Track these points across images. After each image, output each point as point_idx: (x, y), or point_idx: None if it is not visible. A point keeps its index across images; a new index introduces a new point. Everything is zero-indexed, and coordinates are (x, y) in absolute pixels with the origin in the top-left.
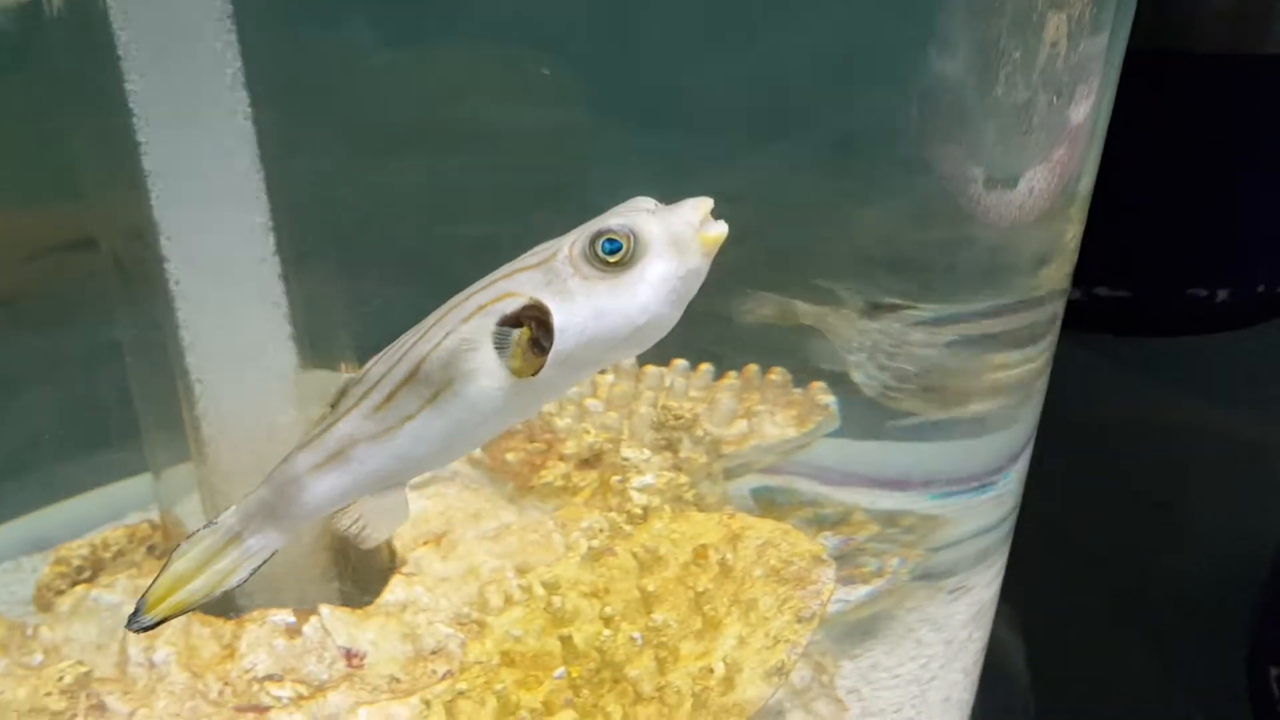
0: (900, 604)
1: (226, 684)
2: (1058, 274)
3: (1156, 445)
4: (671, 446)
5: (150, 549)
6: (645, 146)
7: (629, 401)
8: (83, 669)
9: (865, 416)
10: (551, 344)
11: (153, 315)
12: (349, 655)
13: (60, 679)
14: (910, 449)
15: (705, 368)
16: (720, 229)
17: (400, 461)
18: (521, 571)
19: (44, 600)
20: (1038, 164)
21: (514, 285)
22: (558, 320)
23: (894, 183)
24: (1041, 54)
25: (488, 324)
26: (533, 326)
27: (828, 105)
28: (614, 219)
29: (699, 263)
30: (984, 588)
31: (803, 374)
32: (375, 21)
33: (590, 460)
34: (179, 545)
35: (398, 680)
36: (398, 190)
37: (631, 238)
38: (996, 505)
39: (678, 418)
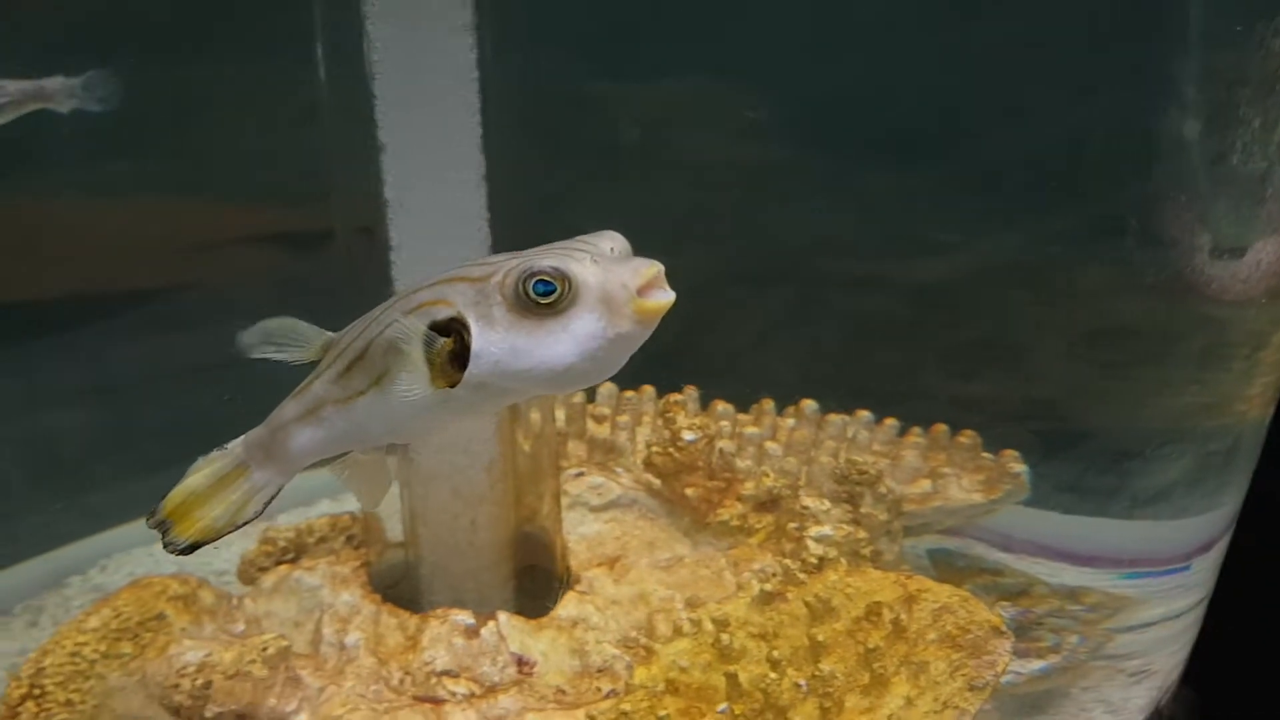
0: (1075, 682)
1: (407, 674)
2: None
3: None
4: (853, 500)
5: (349, 539)
6: (871, 188)
7: (809, 448)
8: (284, 643)
9: (1057, 487)
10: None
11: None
12: (520, 662)
13: (264, 649)
14: (1102, 525)
15: (890, 422)
16: (661, 299)
17: (360, 429)
18: (691, 605)
19: (247, 574)
20: (1269, 236)
21: (452, 293)
22: (475, 344)
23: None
24: None
25: (421, 324)
26: (457, 340)
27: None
28: (551, 259)
29: (630, 329)
30: (1168, 672)
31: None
32: (602, 52)
33: (768, 504)
34: (197, 461)
35: (564, 693)
36: (609, 215)
37: (565, 284)
38: (1188, 590)
39: (862, 472)
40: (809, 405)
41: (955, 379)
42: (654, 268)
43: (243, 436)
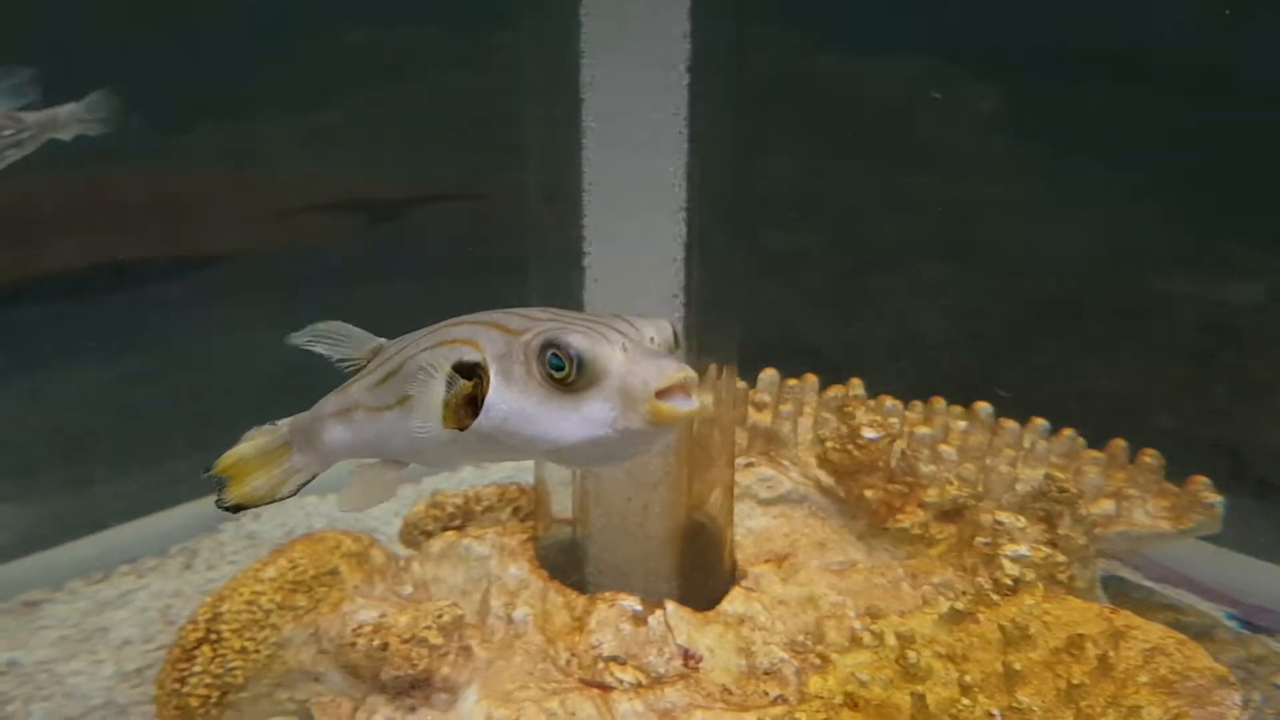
0: None
1: (574, 655)
2: None
3: None
4: (1050, 519)
5: (515, 510)
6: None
7: (984, 454)
8: (458, 611)
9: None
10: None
11: (562, 281)
12: (687, 656)
13: (439, 616)
14: None
15: (1068, 433)
16: (680, 408)
17: (383, 441)
18: (871, 614)
19: (410, 536)
20: None
21: (485, 338)
22: (489, 397)
23: None
24: None
25: (449, 360)
26: (477, 385)
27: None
28: (578, 336)
29: (641, 427)
30: None
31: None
32: (827, 24)
33: (950, 513)
34: (251, 429)
35: (730, 692)
36: (806, 194)
37: (576, 365)
38: None
39: (1063, 490)
40: (983, 408)
41: (1252, 412)
42: (682, 372)
43: (292, 417)
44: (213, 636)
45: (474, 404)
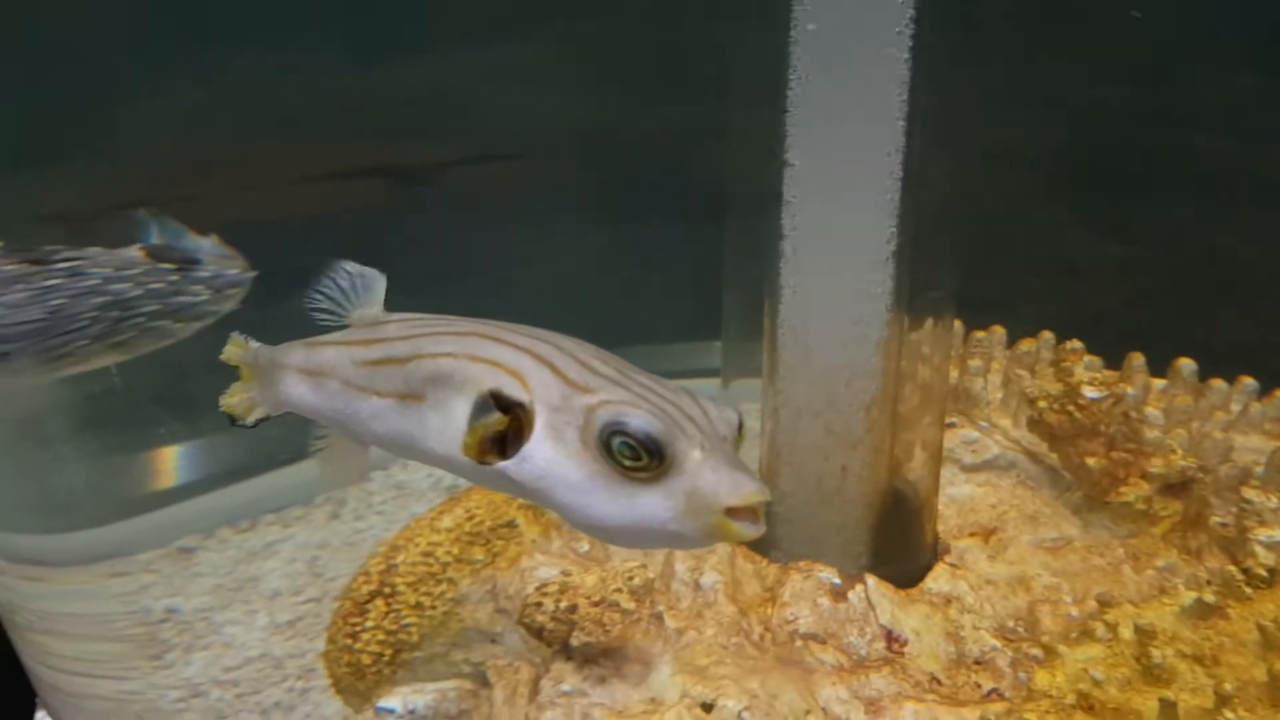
0: None
1: (767, 629)
2: None
3: None
4: None
5: None
6: None
7: (1190, 418)
8: (650, 575)
9: None
10: (509, 453)
11: (764, 241)
12: (890, 637)
13: (630, 578)
14: None
15: None
16: (745, 532)
17: (356, 421)
18: (1103, 603)
19: None
20: None
21: (535, 377)
22: (530, 448)
23: None
24: None
25: (484, 383)
26: (511, 425)
27: None
28: (657, 424)
29: (693, 535)
30: None
31: None
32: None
33: (1176, 487)
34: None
35: (938, 682)
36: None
37: (654, 461)
38: None
39: None
40: (1185, 365)
41: None
42: (759, 495)
43: (258, 346)
44: (386, 590)
45: (502, 440)
